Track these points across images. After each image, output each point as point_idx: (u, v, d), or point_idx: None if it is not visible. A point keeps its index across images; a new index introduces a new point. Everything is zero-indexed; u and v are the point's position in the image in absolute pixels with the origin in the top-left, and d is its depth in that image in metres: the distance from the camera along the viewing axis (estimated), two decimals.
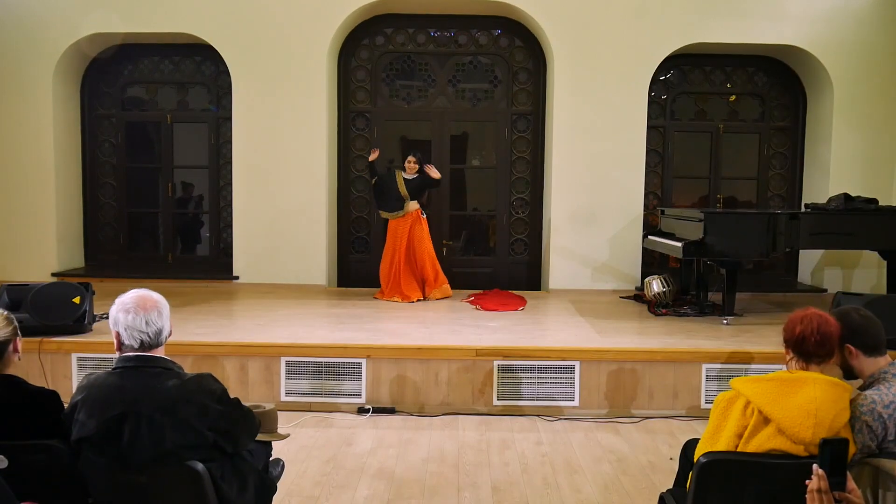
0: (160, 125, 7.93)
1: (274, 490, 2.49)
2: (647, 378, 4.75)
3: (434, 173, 6.71)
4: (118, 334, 2.16)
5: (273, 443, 2.73)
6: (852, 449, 2.14)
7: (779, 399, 2.10)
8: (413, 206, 6.70)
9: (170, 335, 2.23)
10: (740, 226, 5.66)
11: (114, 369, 2.14)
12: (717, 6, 7.14)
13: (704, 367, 4.74)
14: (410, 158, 6.73)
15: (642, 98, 7.27)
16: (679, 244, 5.78)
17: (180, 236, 8.21)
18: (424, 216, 6.81)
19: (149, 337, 2.14)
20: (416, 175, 6.73)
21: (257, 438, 2.44)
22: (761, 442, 2.10)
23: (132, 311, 2.14)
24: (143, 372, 2.11)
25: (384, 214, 6.88)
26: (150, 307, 2.17)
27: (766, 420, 2.11)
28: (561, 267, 7.37)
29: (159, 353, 2.18)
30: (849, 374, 2.36)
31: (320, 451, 4.03)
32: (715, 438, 2.22)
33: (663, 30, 7.18)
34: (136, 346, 2.14)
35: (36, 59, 7.30)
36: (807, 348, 2.20)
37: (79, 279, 6.37)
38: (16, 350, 2.22)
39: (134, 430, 2.02)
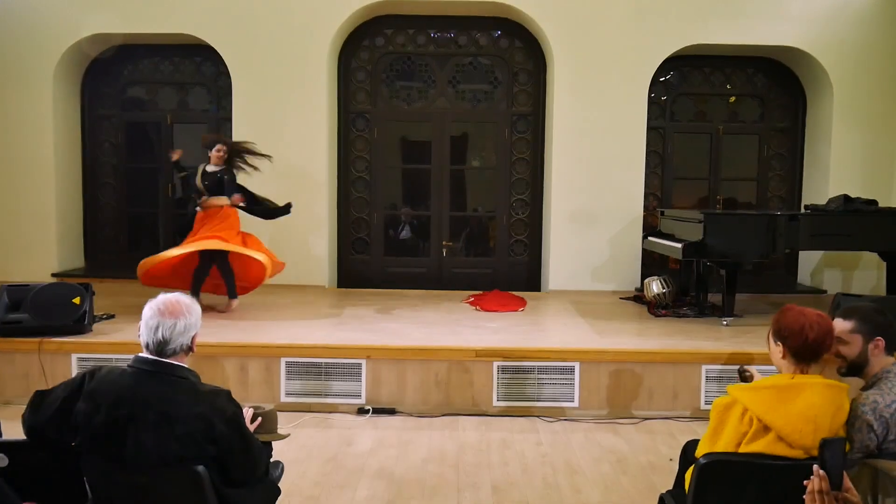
0: (160, 126, 7.93)
1: (277, 494, 2.48)
2: (647, 379, 4.75)
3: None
4: (140, 328, 2.16)
5: (273, 444, 2.72)
6: (848, 447, 2.14)
7: (777, 407, 2.09)
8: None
9: (186, 350, 2.16)
10: (740, 227, 5.66)
11: (129, 367, 2.12)
12: (717, 7, 7.14)
13: (704, 367, 4.74)
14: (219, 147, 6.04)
15: (642, 99, 7.27)
16: (679, 245, 5.78)
17: (180, 236, 8.19)
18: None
19: (152, 343, 2.10)
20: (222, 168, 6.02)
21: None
22: (760, 449, 2.10)
23: (155, 311, 2.13)
24: (158, 378, 2.08)
25: None
26: (167, 314, 2.12)
27: (765, 428, 2.09)
28: (561, 268, 7.36)
29: (178, 360, 2.14)
30: (854, 369, 2.35)
31: (320, 452, 4.03)
32: (714, 439, 2.21)
33: (663, 31, 7.18)
34: (143, 345, 2.13)
35: (36, 59, 7.31)
36: (813, 353, 2.18)
37: (79, 279, 6.34)
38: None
39: (138, 434, 2.00)
